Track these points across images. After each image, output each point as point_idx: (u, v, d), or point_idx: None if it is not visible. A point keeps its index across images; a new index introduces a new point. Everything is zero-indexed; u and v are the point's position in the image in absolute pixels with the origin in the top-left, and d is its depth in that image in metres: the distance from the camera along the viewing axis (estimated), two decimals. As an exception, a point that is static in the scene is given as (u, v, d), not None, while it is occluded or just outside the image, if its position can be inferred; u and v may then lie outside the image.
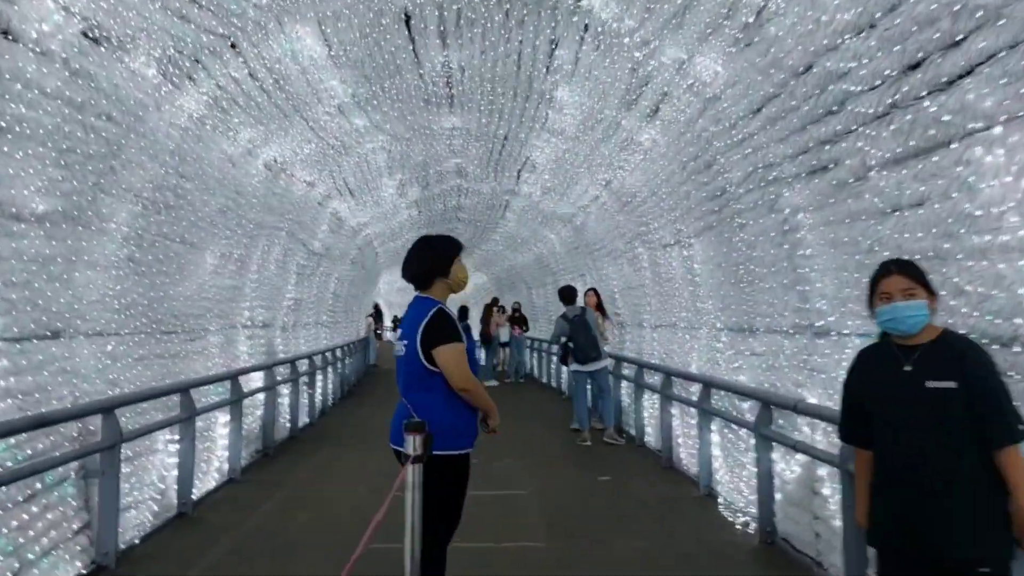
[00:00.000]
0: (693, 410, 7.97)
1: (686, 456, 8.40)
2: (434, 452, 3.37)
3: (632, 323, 11.18)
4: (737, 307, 6.59)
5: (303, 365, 11.44)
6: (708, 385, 7.38)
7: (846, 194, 4.43)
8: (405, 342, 3.68)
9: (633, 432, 10.37)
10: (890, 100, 3.71)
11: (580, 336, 9.98)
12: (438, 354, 3.52)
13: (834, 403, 4.91)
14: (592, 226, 11.73)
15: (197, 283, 7.23)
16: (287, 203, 9.17)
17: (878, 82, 3.82)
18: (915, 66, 3.49)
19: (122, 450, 5.13)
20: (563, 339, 10.41)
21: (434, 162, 10.64)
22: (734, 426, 6.78)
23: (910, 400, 2.63)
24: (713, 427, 7.41)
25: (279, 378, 10.42)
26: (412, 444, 3.27)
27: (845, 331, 4.82)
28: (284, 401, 10.69)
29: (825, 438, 4.89)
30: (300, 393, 10.82)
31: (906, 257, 3.09)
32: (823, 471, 5.06)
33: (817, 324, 5.17)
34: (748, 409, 6.51)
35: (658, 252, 8.87)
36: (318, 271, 12.32)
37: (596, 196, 10.32)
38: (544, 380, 17.53)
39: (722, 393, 7.13)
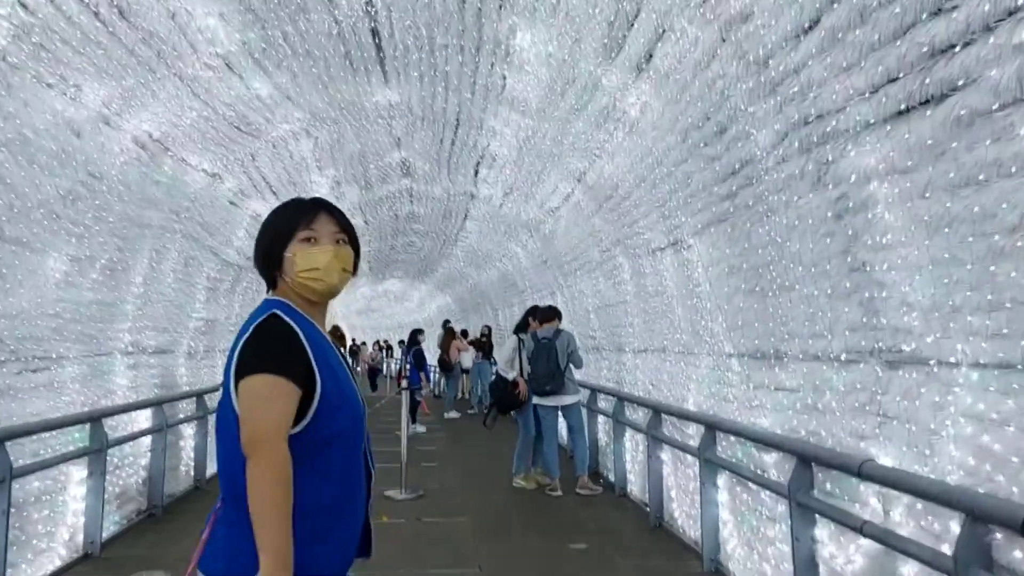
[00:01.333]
0: (691, 458, 6.25)
1: (682, 515, 6.64)
2: None
3: (610, 347, 9.44)
4: (757, 325, 4.88)
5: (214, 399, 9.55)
6: (712, 427, 5.66)
7: (967, 140, 2.76)
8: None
9: (612, 477, 8.60)
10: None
11: (540, 362, 8.23)
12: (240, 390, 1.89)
13: (930, 467, 3.20)
14: (563, 234, 10.02)
15: (34, 296, 5.35)
16: (181, 197, 7.32)
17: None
18: None
19: None
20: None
21: (373, 154, 8.87)
22: (752, 485, 5.05)
23: None
24: (720, 481, 5.68)
25: (181, 416, 8.54)
26: None
27: (950, 359, 3.12)
28: (189, 443, 8.77)
29: (932, 524, 3.16)
30: (207, 433, 8.91)
31: None
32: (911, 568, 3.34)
33: (897, 348, 3.46)
34: (773, 464, 4.79)
35: (644, 260, 7.17)
36: (239, 286, 10.43)
37: (567, 195, 8.62)
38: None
39: (732, 439, 5.41)
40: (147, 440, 7.49)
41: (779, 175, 4.07)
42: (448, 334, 17.03)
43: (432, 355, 20.11)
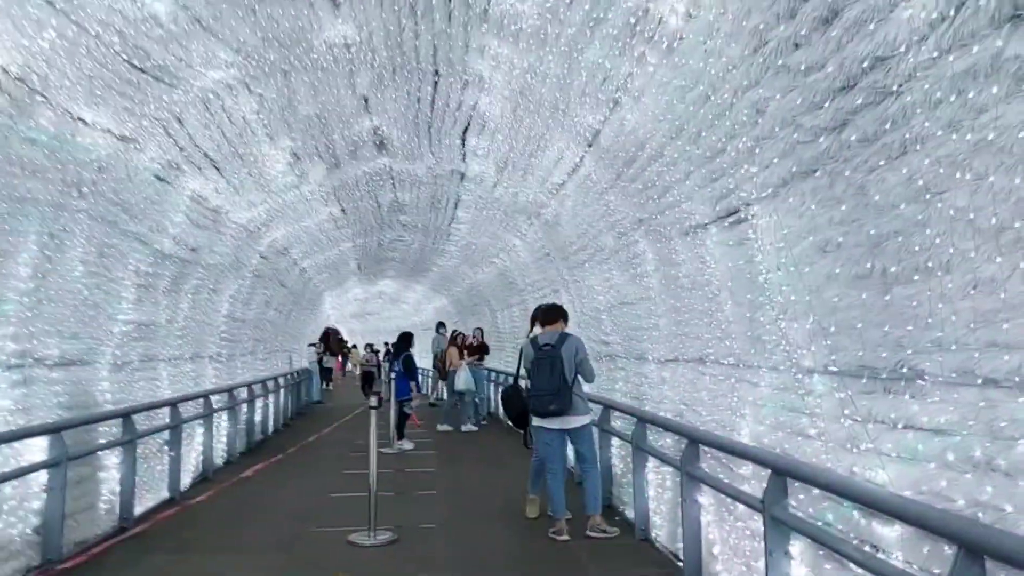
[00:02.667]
0: (744, 508, 4.60)
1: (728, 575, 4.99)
2: None
3: (627, 355, 7.81)
4: (867, 329, 3.23)
5: (162, 416, 7.94)
6: (783, 473, 4.02)
7: None
8: None
9: (630, 514, 6.96)
10: None
11: (541, 374, 6.59)
12: None
13: None
14: (569, 218, 8.39)
15: None
16: (77, 166, 5.68)
17: None
18: None
19: None
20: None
21: (337, 119, 7.23)
22: (856, 567, 3.40)
23: None
24: (794, 546, 4.02)
25: (103, 441, 6.92)
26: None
27: None
28: (111, 475, 7.13)
29: None
30: (136, 462, 7.27)
31: None
32: None
33: None
34: (899, 541, 3.14)
35: (676, 243, 5.53)
36: (185, 284, 8.80)
37: (575, 165, 6.98)
38: (509, 423, 14.02)
39: (815, 492, 3.76)
40: (43, 476, 5.85)
41: (941, 75, 2.42)
42: (451, 342, 15.17)
43: (422, 359, 18.44)
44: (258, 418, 13.61)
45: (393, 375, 12.52)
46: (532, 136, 6.86)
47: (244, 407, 12.36)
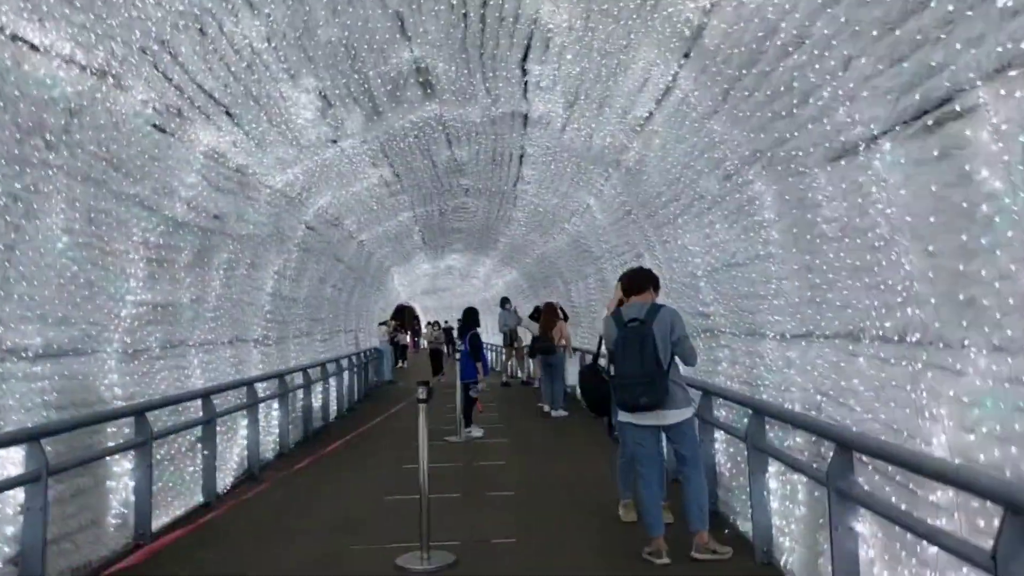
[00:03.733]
0: (935, 551, 3.11)
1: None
2: None
3: (733, 329, 6.29)
4: None
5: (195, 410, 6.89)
6: (847, 447, 3.17)
7: None
8: None
9: (746, 529, 5.51)
10: None
11: (628, 357, 5.17)
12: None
13: None
14: (656, 162, 6.87)
15: None
16: (38, 107, 4.50)
17: None
18: None
19: None
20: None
21: (366, 48, 5.87)
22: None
23: None
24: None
25: (111, 444, 5.88)
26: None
27: None
28: (125, 484, 6.09)
29: None
30: (152, 466, 6.23)
31: None
32: None
33: None
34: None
35: (814, 175, 4.00)
36: (216, 258, 7.72)
37: (666, 88, 5.45)
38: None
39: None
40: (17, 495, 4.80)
41: None
42: (549, 311, 13.45)
43: (493, 336, 17.22)
44: (317, 403, 12.64)
45: (458, 356, 11.30)
46: (610, 50, 5.34)
47: (300, 393, 11.37)
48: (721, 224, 5.85)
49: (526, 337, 21.62)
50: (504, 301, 18.76)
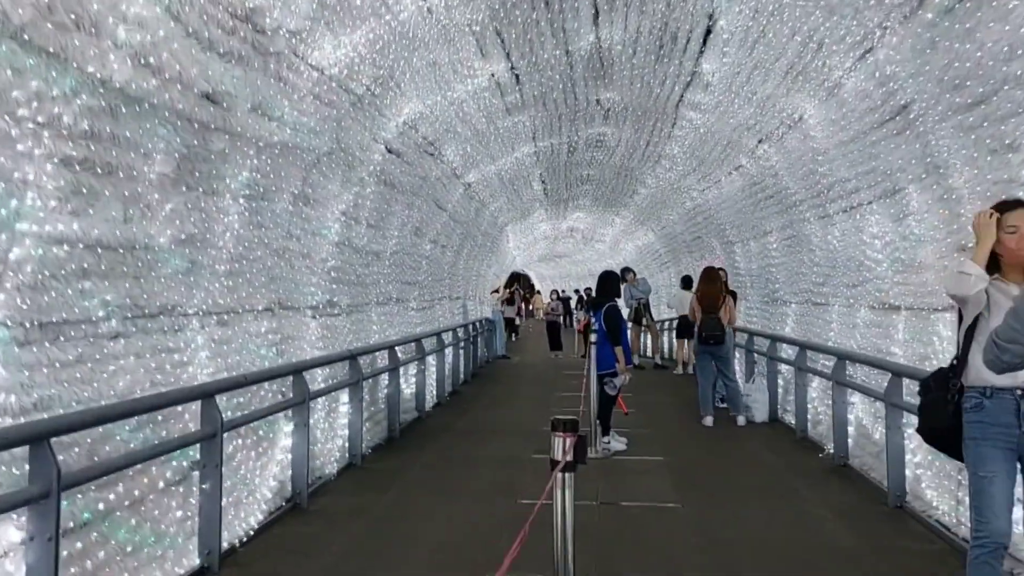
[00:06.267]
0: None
1: None
2: None
3: None
4: None
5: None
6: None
7: None
8: None
9: None
10: None
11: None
12: None
13: None
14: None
15: None
16: None
17: None
18: None
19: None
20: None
21: None
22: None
23: None
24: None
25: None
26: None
27: None
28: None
29: None
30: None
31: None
32: None
33: None
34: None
35: None
36: (227, 177, 4.81)
37: None
38: (792, 422, 8.96)
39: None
40: None
41: None
42: (710, 280, 9.70)
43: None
44: (409, 390, 9.80)
45: (594, 335, 8.06)
46: None
47: (384, 379, 8.54)
48: None
49: (656, 313, 18.21)
50: (625, 271, 15.45)
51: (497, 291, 21.51)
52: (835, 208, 7.30)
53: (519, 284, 43.99)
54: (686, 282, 13.72)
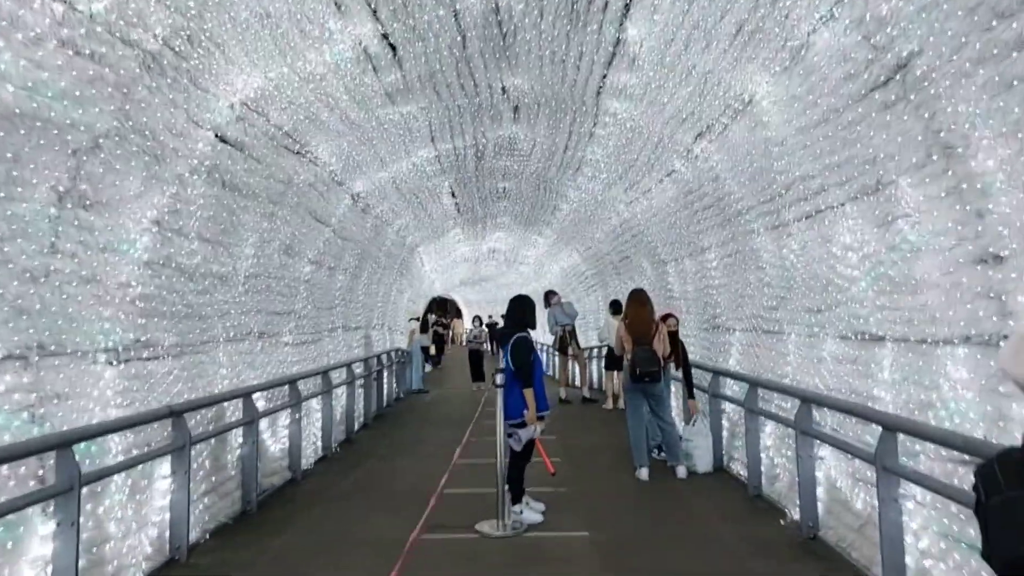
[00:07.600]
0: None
1: None
2: None
3: None
4: None
5: None
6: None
7: None
8: None
9: None
10: None
11: None
12: None
13: None
14: None
15: None
16: None
17: None
18: None
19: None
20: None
21: None
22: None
23: None
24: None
25: None
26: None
27: None
28: None
29: None
30: None
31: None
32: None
33: None
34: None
35: None
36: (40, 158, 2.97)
37: None
38: (742, 473, 7.43)
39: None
40: None
41: None
42: (638, 304, 8.03)
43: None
44: (279, 446, 7.94)
45: (499, 376, 6.35)
46: None
47: (237, 436, 6.68)
48: None
49: (583, 340, 16.67)
50: (549, 294, 14.01)
51: (417, 318, 19.69)
52: (793, 214, 5.86)
53: (445, 310, 41.99)
54: (615, 307, 12.24)
